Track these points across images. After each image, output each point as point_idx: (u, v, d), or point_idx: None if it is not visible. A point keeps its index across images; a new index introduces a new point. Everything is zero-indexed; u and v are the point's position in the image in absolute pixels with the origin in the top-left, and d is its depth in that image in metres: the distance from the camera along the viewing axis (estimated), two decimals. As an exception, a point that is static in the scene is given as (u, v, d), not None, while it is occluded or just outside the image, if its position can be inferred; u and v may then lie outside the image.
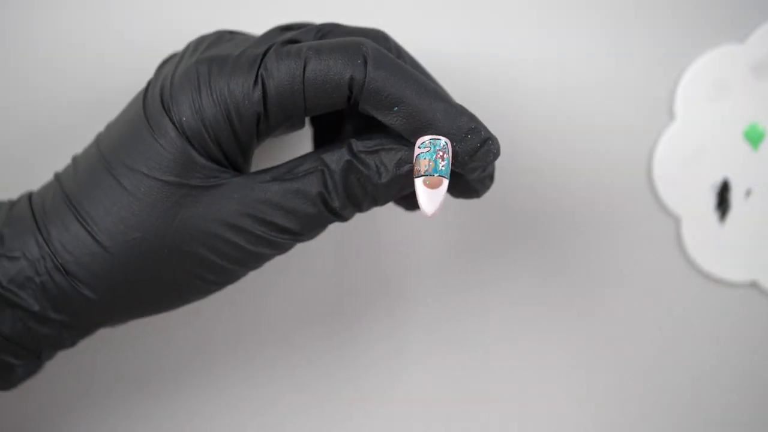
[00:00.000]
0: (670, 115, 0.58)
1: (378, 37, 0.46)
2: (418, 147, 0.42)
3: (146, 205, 0.43)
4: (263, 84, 0.42)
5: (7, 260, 0.44)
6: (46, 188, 0.46)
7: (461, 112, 0.43)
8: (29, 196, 0.46)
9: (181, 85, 0.43)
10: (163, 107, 0.43)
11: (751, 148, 0.59)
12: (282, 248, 0.45)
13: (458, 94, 0.48)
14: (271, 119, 0.43)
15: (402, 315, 0.60)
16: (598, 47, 0.57)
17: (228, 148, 0.43)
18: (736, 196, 0.59)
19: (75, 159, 0.46)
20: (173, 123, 0.43)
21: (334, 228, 0.55)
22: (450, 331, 0.60)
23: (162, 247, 0.44)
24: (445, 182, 0.41)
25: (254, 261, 0.45)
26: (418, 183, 0.42)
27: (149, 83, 0.45)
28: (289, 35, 0.44)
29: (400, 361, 0.60)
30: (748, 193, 0.59)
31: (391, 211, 0.57)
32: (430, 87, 0.43)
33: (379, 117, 0.43)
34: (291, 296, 0.59)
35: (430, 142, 0.42)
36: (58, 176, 0.46)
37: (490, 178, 0.47)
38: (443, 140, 0.42)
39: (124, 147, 0.44)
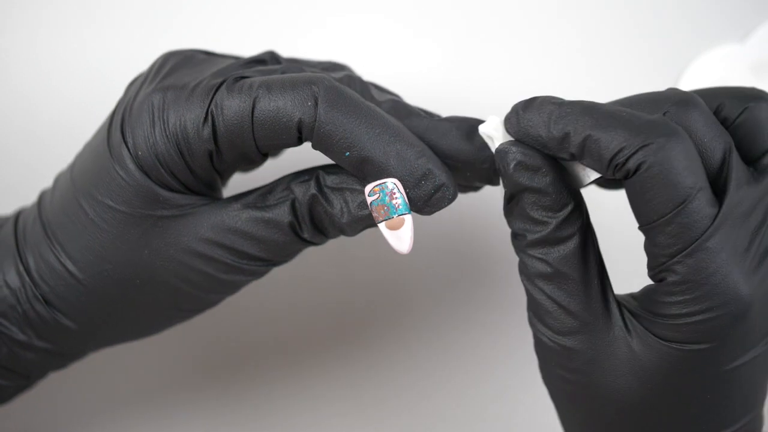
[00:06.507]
0: (671, 116, 0.58)
1: (344, 80, 0.43)
2: (368, 195, 0.41)
3: (114, 236, 0.43)
4: (213, 121, 0.41)
5: None
6: (30, 210, 0.46)
7: (418, 153, 0.41)
8: (16, 218, 0.46)
9: (137, 117, 0.42)
10: (123, 139, 0.42)
11: (752, 148, 0.59)
12: (256, 275, 0.45)
13: (455, 97, 0.49)
14: (225, 155, 0.42)
15: (405, 319, 0.60)
16: (598, 48, 0.57)
17: (187, 181, 0.43)
18: (736, 197, 0.59)
19: (56, 180, 0.46)
20: (132, 156, 0.42)
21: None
22: (455, 336, 0.60)
23: (134, 277, 0.43)
24: (408, 218, 0.41)
25: (229, 288, 0.45)
26: (381, 228, 0.41)
27: (118, 102, 0.44)
28: (250, 71, 0.43)
29: (403, 365, 0.60)
30: (748, 193, 0.59)
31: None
32: (388, 126, 0.41)
33: (332, 159, 0.42)
34: (291, 299, 0.59)
35: (378, 188, 0.41)
36: (41, 198, 0.46)
37: (495, 172, 0.44)
38: (389, 182, 0.41)
39: (91, 177, 0.43)
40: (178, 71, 0.43)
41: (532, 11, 0.57)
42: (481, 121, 0.43)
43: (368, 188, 0.41)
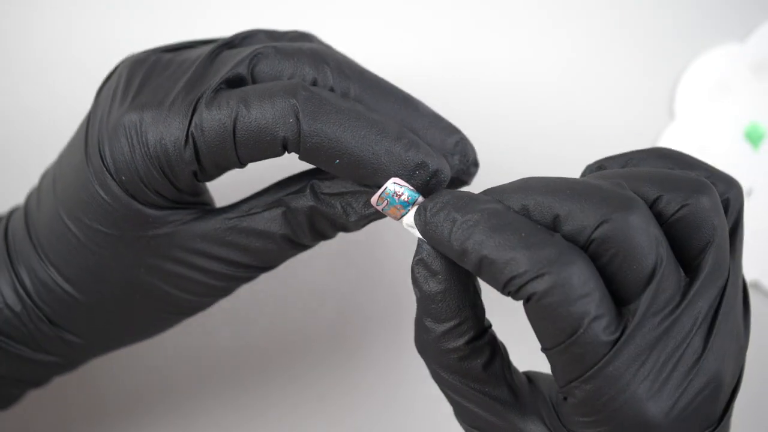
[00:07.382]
0: (670, 115, 0.58)
1: (316, 58, 0.43)
2: (376, 206, 0.41)
3: (107, 258, 0.43)
4: (195, 142, 0.41)
5: None
6: (18, 221, 0.46)
7: (406, 146, 0.41)
8: (5, 229, 0.46)
9: (116, 141, 0.42)
10: (104, 164, 0.42)
11: (752, 148, 0.59)
12: (250, 279, 0.45)
13: (456, 97, 0.48)
14: (209, 172, 0.42)
15: (404, 317, 0.60)
16: (598, 47, 0.57)
17: (173, 196, 0.43)
18: (736, 196, 0.59)
19: (41, 181, 0.46)
20: (116, 182, 0.42)
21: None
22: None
23: (134, 293, 0.44)
24: (420, 199, 0.40)
25: (223, 293, 0.46)
26: (403, 224, 0.41)
27: (90, 115, 0.44)
28: (221, 75, 0.42)
29: (402, 364, 0.60)
30: (748, 192, 0.59)
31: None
32: (371, 125, 0.41)
33: (323, 168, 0.42)
34: (290, 298, 0.59)
35: (383, 197, 0.40)
36: (27, 208, 0.46)
37: (474, 164, 0.44)
38: (389, 185, 0.40)
39: (77, 201, 0.43)
40: (149, 83, 0.43)
41: (532, 9, 0.57)
42: (456, 129, 0.43)
43: (374, 200, 0.41)
